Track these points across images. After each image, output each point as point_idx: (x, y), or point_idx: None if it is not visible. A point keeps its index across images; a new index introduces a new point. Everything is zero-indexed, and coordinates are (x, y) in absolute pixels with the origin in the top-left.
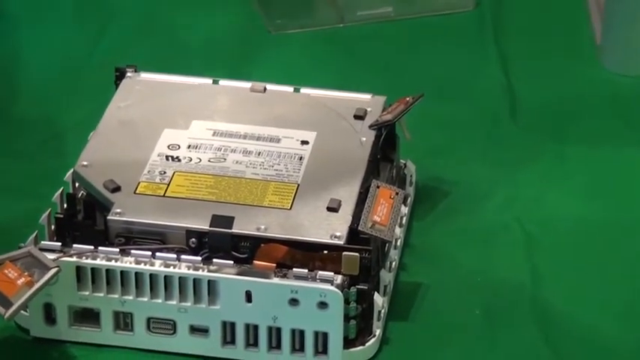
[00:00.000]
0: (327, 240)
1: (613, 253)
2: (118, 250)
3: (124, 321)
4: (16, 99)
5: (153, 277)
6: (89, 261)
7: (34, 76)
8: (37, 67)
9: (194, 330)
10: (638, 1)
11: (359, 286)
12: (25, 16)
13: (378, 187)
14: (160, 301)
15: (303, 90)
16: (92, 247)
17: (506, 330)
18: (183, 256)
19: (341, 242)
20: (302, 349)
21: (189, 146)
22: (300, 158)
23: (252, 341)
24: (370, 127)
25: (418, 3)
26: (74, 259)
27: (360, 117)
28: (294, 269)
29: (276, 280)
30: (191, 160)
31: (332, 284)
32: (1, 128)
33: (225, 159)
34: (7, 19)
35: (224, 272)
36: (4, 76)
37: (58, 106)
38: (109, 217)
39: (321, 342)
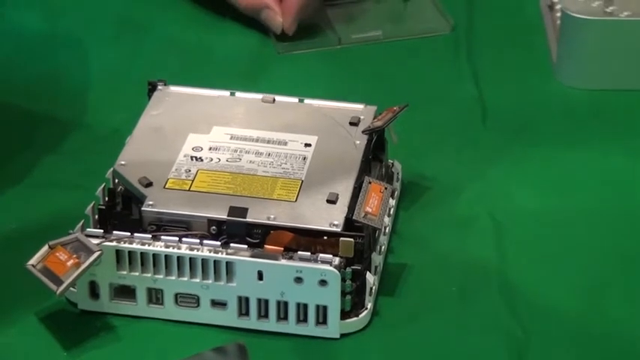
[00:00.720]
0: (326, 227)
1: (567, 237)
2: (150, 236)
3: (155, 296)
4: (66, 107)
5: (180, 258)
6: (126, 245)
7: (80, 88)
8: (84, 81)
9: (214, 304)
10: (586, 27)
11: (353, 267)
12: (74, 37)
13: (369, 182)
14: (185, 279)
15: (307, 101)
16: (129, 234)
17: (477, 303)
18: (205, 241)
19: (338, 229)
20: (305, 319)
21: (210, 148)
22: (304, 158)
23: (263, 313)
24: (363, 132)
25: (403, 27)
26: (114, 243)
27: (354, 124)
28: (299, 252)
29: (283, 262)
30: (212, 160)
31: (331, 265)
32: (52, 131)
33: (240, 159)
34: (59, 39)
35: (239, 255)
36: (55, 88)
37: (100, 114)
38: (142, 208)
39: (322, 314)
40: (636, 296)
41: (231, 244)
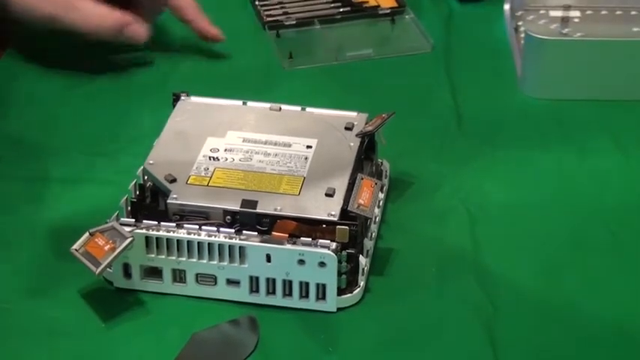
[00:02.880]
0: (325, 217)
1: (529, 226)
2: (174, 224)
3: (179, 276)
4: (103, 116)
5: (200, 244)
6: (154, 232)
7: (115, 100)
8: (117, 92)
9: (229, 282)
10: (546, 46)
11: (348, 251)
12: None
13: (362, 179)
14: (204, 261)
15: (308, 109)
16: (156, 223)
17: (453, 283)
18: (221, 229)
19: (335, 219)
20: (307, 295)
21: (225, 150)
22: (306, 158)
23: (271, 290)
24: (356, 135)
25: (390, 47)
26: (144, 231)
27: (349, 128)
28: (302, 238)
29: (288, 246)
30: (227, 159)
31: (329, 249)
32: (91, 136)
33: (251, 159)
34: None
35: (251, 240)
36: (94, 103)
37: (131, 120)
38: (168, 201)
39: (321, 291)
40: (586, 275)
41: (244, 232)
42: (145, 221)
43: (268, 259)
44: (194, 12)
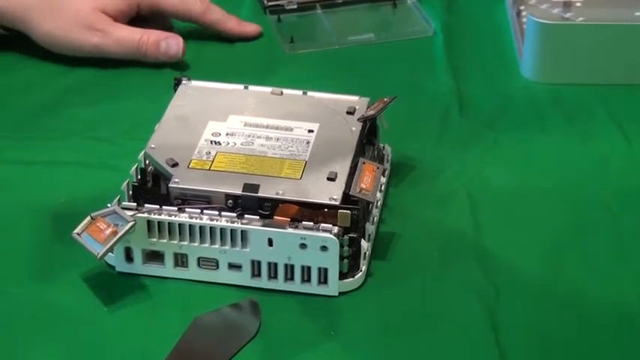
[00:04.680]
0: (327, 201)
1: (531, 210)
2: (176, 208)
3: (181, 260)
4: (104, 101)
5: (201, 228)
6: (156, 216)
7: (114, 82)
8: (118, 77)
9: (231, 266)
10: (548, 30)
11: (350, 235)
12: None
13: (364, 163)
14: (206, 245)
15: (310, 93)
16: (158, 207)
17: (455, 267)
18: (223, 213)
19: (337, 203)
20: (309, 280)
21: (227, 134)
22: (307, 142)
23: (273, 274)
24: (358, 120)
25: (392, 31)
26: (145, 215)
27: (350, 113)
28: (303, 222)
29: (290, 230)
30: (228, 144)
31: (331, 233)
32: (93, 121)
33: (253, 143)
34: None
35: (253, 224)
36: (95, 87)
37: (133, 105)
38: (170, 185)
39: (323, 275)
40: (588, 259)
41: (246, 216)
42: (146, 205)
43: (270, 243)
44: (229, 20)
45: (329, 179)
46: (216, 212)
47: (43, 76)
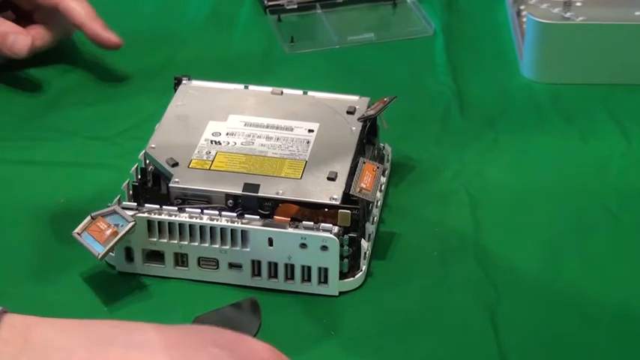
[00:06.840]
0: (327, 201)
1: (530, 209)
2: (176, 208)
3: (181, 259)
4: (105, 100)
5: (202, 227)
6: (156, 216)
7: (114, 81)
8: (118, 76)
9: (231, 266)
10: (548, 30)
11: (350, 235)
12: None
13: (364, 162)
14: (207, 245)
15: (310, 93)
16: (158, 207)
17: (455, 266)
18: (223, 213)
19: (337, 202)
20: (309, 279)
21: (227, 134)
22: (308, 142)
23: (273, 274)
24: (358, 119)
25: (392, 31)
26: (146, 215)
27: (350, 112)
28: (304, 222)
29: (290, 230)
30: (229, 143)
31: (331, 233)
32: (93, 121)
33: (253, 143)
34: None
35: (253, 224)
36: (96, 86)
37: (133, 104)
38: (170, 185)
39: (323, 275)
40: (588, 258)
41: (246, 215)
42: (146, 205)
43: (270, 242)
44: (84, 15)
45: (329, 179)
46: (217, 212)
47: (43, 76)
